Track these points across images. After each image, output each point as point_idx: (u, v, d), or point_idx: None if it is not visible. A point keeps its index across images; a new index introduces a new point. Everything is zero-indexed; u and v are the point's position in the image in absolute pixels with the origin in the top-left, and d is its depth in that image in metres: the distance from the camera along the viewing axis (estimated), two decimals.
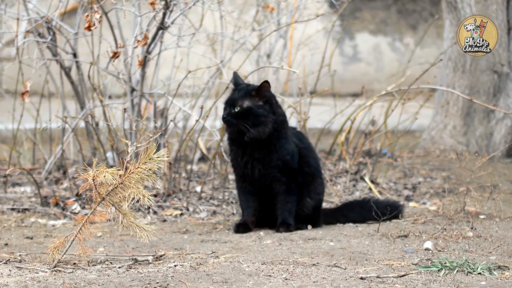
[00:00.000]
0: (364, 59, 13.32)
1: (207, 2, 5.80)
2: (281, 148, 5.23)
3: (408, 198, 6.29)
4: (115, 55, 5.77)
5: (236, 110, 5.13)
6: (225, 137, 5.63)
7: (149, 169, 4.22)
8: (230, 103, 5.16)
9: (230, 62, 6.83)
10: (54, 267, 4.21)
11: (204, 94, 6.78)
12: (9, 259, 4.40)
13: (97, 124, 6.12)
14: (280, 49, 7.73)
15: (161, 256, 4.46)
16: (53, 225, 5.53)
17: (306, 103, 7.28)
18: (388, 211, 5.30)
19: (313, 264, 4.30)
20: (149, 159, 4.22)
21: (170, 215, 5.78)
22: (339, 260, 4.40)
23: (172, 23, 5.87)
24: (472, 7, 7.73)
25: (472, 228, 5.11)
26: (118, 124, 6.17)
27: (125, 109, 5.92)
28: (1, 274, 4.10)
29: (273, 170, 5.23)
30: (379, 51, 13.34)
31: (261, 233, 5.21)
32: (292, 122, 6.72)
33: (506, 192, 6.34)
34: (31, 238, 5.08)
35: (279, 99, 5.49)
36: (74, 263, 4.32)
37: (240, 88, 5.21)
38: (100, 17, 5.56)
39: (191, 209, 5.87)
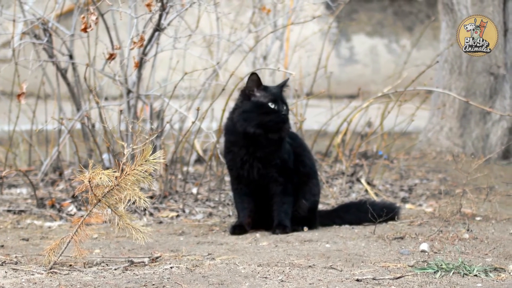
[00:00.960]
0: (360, 61, 13.33)
1: (203, 3, 5.80)
2: (281, 147, 5.25)
3: (404, 200, 6.29)
4: (111, 56, 5.77)
5: (286, 107, 5.23)
6: (221, 139, 5.62)
7: (145, 171, 4.22)
8: (282, 101, 5.22)
9: (227, 63, 6.83)
10: (50, 268, 4.21)
11: (200, 96, 6.79)
12: (5, 261, 4.40)
13: (93, 126, 6.12)
14: (276, 51, 7.73)
15: (157, 258, 4.45)
16: (49, 227, 5.52)
17: (303, 104, 7.28)
18: (384, 213, 5.30)
19: (309, 266, 4.30)
20: (145, 161, 4.22)
21: (166, 217, 5.77)
22: (335, 262, 4.40)
23: (168, 24, 5.87)
24: (469, 9, 7.73)
25: (468, 230, 5.11)
26: (114, 125, 6.17)
27: (121, 110, 5.91)
28: None
29: (272, 170, 5.23)
30: (376, 53, 13.35)
31: (257, 234, 5.21)
32: None
33: (502, 194, 6.34)
34: (27, 240, 5.08)
35: None
36: (70, 265, 4.32)
37: (274, 86, 5.27)
38: (96, 18, 5.56)
39: (187, 211, 5.87)
